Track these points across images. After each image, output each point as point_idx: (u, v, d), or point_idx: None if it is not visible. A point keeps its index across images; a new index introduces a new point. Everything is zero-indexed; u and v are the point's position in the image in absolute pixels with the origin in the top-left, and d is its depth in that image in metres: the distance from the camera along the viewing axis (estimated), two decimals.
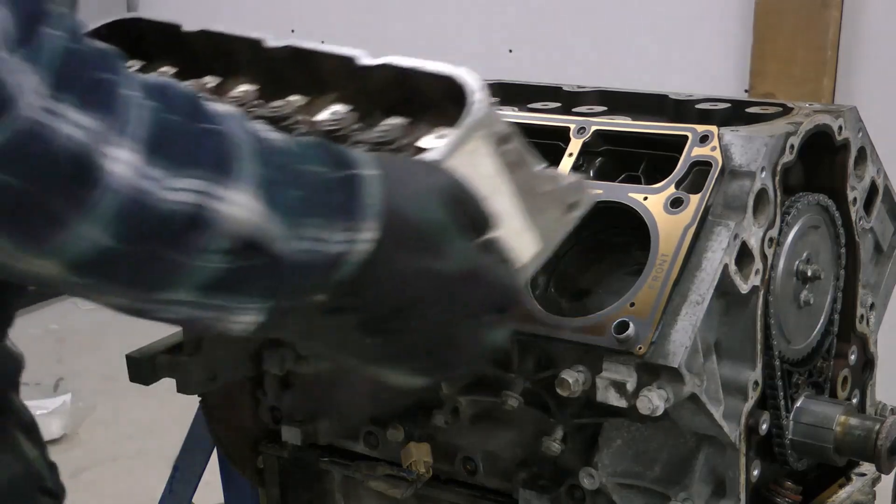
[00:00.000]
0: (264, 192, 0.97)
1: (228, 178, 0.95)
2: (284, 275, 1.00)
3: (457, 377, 1.19)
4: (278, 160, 1.00)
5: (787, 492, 1.52)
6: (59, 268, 0.92)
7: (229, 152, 0.96)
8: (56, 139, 0.86)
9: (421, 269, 1.07)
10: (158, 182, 0.91)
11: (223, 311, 1.01)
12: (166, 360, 1.74)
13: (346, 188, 1.02)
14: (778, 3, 3.57)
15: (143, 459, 3.70)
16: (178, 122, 0.94)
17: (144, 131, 0.91)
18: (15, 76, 0.85)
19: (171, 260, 0.95)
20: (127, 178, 0.89)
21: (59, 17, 0.90)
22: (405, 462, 1.64)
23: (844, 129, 1.52)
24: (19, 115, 0.85)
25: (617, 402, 1.34)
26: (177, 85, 0.98)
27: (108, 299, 0.99)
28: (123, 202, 0.90)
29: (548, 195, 1.24)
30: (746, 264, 1.39)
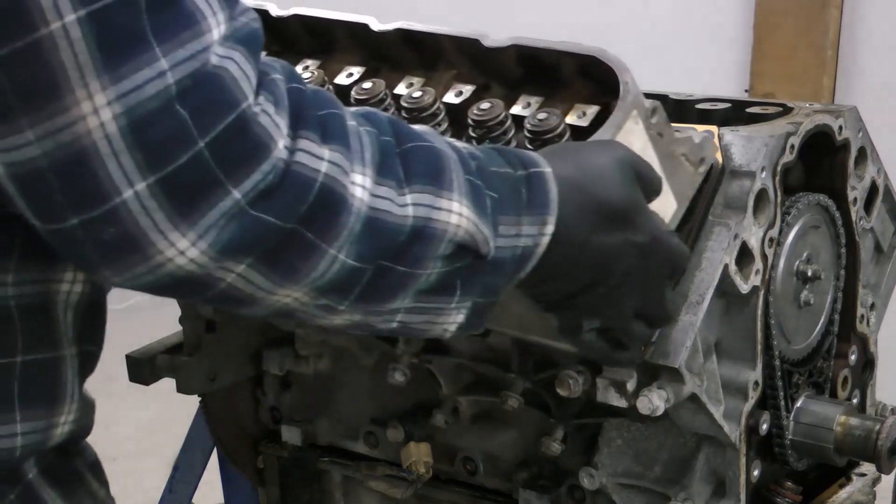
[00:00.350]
0: (472, 198, 1.05)
1: (444, 188, 1.03)
2: (486, 272, 1.09)
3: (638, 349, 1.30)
4: (475, 166, 1.08)
5: (787, 492, 1.52)
6: (304, 295, 0.99)
7: (441, 165, 1.04)
8: (308, 175, 0.93)
9: (616, 243, 1.16)
10: (390, 200, 0.99)
11: (435, 314, 1.10)
12: (166, 360, 1.74)
13: (529, 186, 1.11)
14: (778, 3, 3.57)
15: (143, 459, 3.70)
16: (391, 143, 1.01)
17: (372, 156, 0.98)
18: (267, 121, 0.90)
19: (401, 272, 1.02)
20: (366, 199, 0.97)
21: (275, 62, 0.96)
22: (405, 462, 1.64)
23: (845, 129, 1.52)
24: (275, 158, 0.90)
25: (617, 402, 1.34)
26: (377, 112, 1.06)
27: (338, 318, 1.05)
28: (365, 223, 0.97)
29: (683, 155, 1.31)
30: (746, 264, 1.39)
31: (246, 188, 0.90)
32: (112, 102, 0.85)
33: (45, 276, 1.01)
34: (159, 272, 0.90)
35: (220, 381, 1.77)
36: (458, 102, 1.38)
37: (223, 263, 0.92)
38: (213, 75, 0.88)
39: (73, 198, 0.87)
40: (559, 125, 1.27)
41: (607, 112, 1.28)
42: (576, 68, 1.32)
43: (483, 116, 1.30)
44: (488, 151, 1.13)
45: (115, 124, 0.85)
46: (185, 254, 0.90)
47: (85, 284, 1.04)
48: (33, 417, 1.03)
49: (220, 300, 0.97)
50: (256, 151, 0.90)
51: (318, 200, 0.94)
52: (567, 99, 1.33)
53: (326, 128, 0.96)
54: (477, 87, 1.39)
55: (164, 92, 0.86)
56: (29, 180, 0.87)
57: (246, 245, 0.92)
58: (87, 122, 0.85)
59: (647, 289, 1.22)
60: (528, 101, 1.34)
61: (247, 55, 0.91)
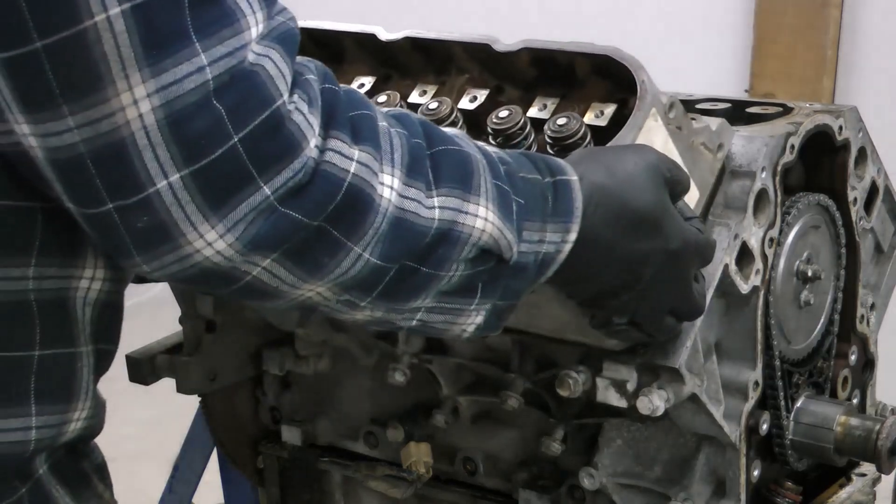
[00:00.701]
0: (498, 203, 1.06)
1: (471, 193, 1.05)
2: (508, 275, 1.10)
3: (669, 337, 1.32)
4: (504, 171, 1.09)
5: (787, 492, 1.52)
6: (328, 290, 1.01)
7: (469, 169, 1.05)
8: (338, 174, 0.94)
9: (644, 250, 1.17)
10: (417, 202, 1.00)
11: (455, 314, 1.11)
12: (166, 360, 1.73)
13: (556, 193, 1.12)
14: (778, 3, 3.57)
15: (143, 459, 3.70)
16: (422, 145, 1.03)
17: (401, 157, 1.00)
18: (299, 120, 0.92)
19: (425, 272, 1.04)
20: (394, 200, 0.98)
21: (309, 62, 0.98)
22: (405, 462, 1.64)
23: (845, 129, 1.52)
24: (306, 156, 0.92)
25: (617, 403, 1.34)
26: (409, 114, 1.07)
27: (359, 314, 1.07)
28: (392, 223, 0.98)
29: (702, 145, 1.33)
30: (747, 264, 1.39)
31: (276, 185, 0.91)
32: (151, 95, 0.87)
33: (66, 272, 1.02)
34: (187, 262, 0.93)
35: (220, 381, 1.77)
36: (474, 108, 1.39)
37: (249, 257, 0.94)
38: (250, 73, 0.90)
39: (109, 185, 0.89)
40: (580, 129, 1.28)
41: (624, 109, 1.29)
42: (590, 68, 1.33)
43: (502, 124, 1.31)
44: (517, 157, 1.14)
45: (154, 117, 0.87)
46: (212, 245, 0.92)
47: (104, 283, 1.05)
48: (48, 412, 1.03)
49: (245, 293, 0.99)
50: (288, 149, 0.92)
51: (346, 200, 0.95)
52: (582, 99, 1.34)
53: (358, 128, 0.97)
54: (490, 91, 1.40)
55: (203, 87, 0.88)
56: (67, 166, 0.89)
57: (272, 240, 0.94)
58: (125, 113, 0.87)
59: (676, 287, 1.23)
60: (544, 104, 1.35)
61: (283, 54, 0.93)
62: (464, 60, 1.42)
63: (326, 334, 1.69)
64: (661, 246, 1.18)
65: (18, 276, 0.99)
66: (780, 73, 3.57)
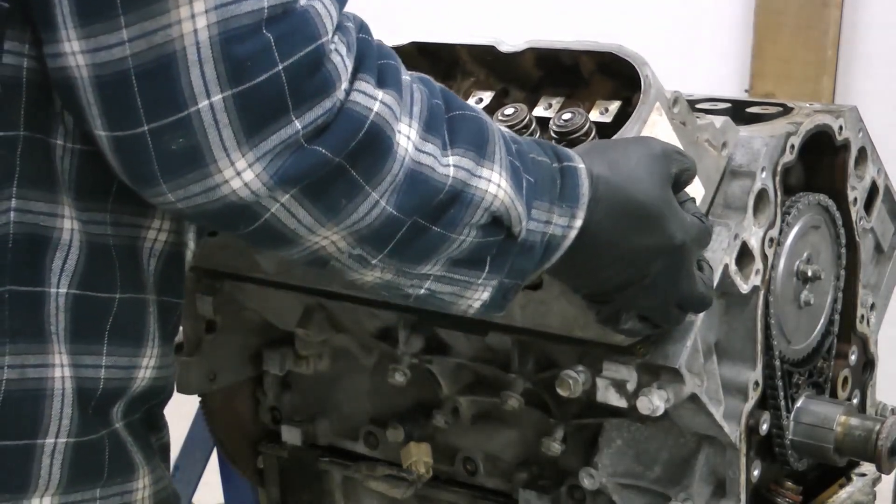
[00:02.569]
0: (511, 175, 1.08)
1: (485, 158, 1.07)
2: (516, 252, 1.12)
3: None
4: (515, 149, 1.11)
5: (787, 492, 1.52)
6: (342, 240, 1.03)
7: (486, 136, 1.08)
8: (361, 113, 0.97)
9: (648, 244, 1.18)
10: (433, 157, 1.02)
11: (462, 286, 1.12)
12: None
13: (563, 178, 1.14)
14: (778, 3, 3.57)
15: None
16: (441, 106, 1.05)
17: (420, 111, 1.02)
18: (337, 60, 0.96)
19: (436, 232, 1.05)
20: (411, 151, 1.01)
21: (350, 14, 1.01)
22: (405, 462, 1.64)
23: (845, 129, 1.52)
24: (336, 97, 0.96)
25: (617, 403, 1.34)
26: (430, 79, 1.10)
27: (369, 274, 1.08)
28: (408, 173, 1.00)
29: (706, 141, 1.34)
30: (747, 264, 1.39)
31: (307, 120, 0.95)
32: (209, 11, 0.90)
33: (136, 220, 1.05)
34: (213, 195, 0.95)
35: (220, 381, 1.77)
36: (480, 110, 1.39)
37: (273, 192, 0.96)
38: (302, 10, 0.94)
39: (149, 103, 0.92)
40: (585, 124, 1.28)
41: (629, 106, 1.29)
42: (594, 66, 1.33)
43: (508, 121, 1.31)
44: (528, 141, 1.16)
45: (208, 33, 0.90)
46: (241, 176, 0.94)
47: (169, 234, 1.08)
48: (118, 353, 1.07)
49: (263, 234, 1.00)
50: (324, 87, 0.95)
51: (367, 139, 0.98)
52: (587, 97, 1.34)
53: (384, 75, 1.01)
54: (496, 93, 1.40)
55: (258, 13, 0.91)
56: (111, 82, 0.92)
57: (296, 176, 0.96)
58: (182, 26, 0.90)
59: (682, 280, 1.24)
60: (549, 102, 1.36)
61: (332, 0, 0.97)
62: (469, 63, 1.42)
63: (326, 334, 1.69)
64: (665, 241, 1.19)
65: (100, 221, 1.03)
66: (780, 73, 3.57)
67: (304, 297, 1.60)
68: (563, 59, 1.35)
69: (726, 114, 1.57)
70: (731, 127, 1.39)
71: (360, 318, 1.62)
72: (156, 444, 1.16)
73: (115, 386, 1.07)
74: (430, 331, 1.56)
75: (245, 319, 1.74)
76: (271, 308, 1.70)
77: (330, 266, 1.07)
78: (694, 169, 1.24)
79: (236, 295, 1.69)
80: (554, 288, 1.22)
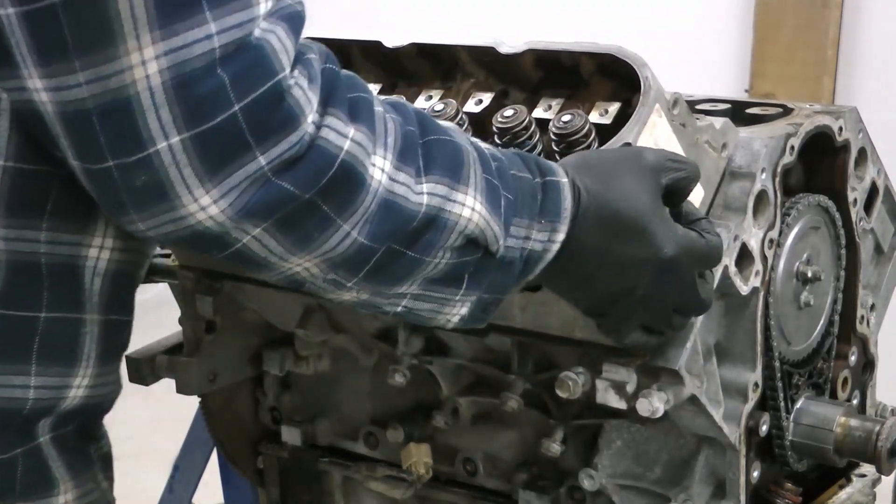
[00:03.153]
0: (487, 195, 1.09)
1: (460, 182, 1.07)
2: (494, 269, 1.12)
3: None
4: (495, 166, 1.11)
5: (787, 493, 1.52)
6: (315, 266, 1.03)
7: (461, 159, 1.08)
8: (332, 150, 0.97)
9: (638, 257, 1.18)
10: (406, 186, 1.03)
11: (440, 304, 1.13)
12: (166, 361, 1.74)
13: (545, 194, 1.14)
14: (778, 3, 3.57)
15: (143, 459, 3.70)
16: (415, 133, 1.05)
17: (394, 142, 1.02)
18: (299, 94, 0.95)
19: (411, 256, 1.06)
20: (384, 182, 1.01)
21: (312, 44, 1.00)
22: (405, 463, 1.64)
23: (845, 130, 1.52)
24: (303, 130, 0.95)
25: (617, 404, 1.33)
26: (405, 103, 1.10)
27: (346, 294, 1.09)
28: (381, 203, 1.01)
29: (706, 143, 1.34)
30: (746, 266, 1.39)
31: (272, 155, 0.94)
32: (160, 56, 0.90)
33: (77, 239, 1.05)
34: (181, 224, 0.96)
35: (219, 381, 1.76)
36: (480, 111, 1.39)
37: (241, 224, 0.96)
38: (256, 45, 0.93)
39: (111, 142, 0.92)
40: (584, 125, 1.28)
41: (628, 108, 1.29)
42: (594, 67, 1.33)
43: (507, 123, 1.31)
44: (511, 155, 1.16)
45: (160, 78, 0.90)
46: (206, 210, 0.94)
47: (113, 252, 1.08)
48: (47, 374, 1.06)
49: (236, 259, 1.01)
50: (287, 122, 0.94)
51: (338, 176, 0.98)
52: (587, 98, 1.34)
53: (355, 109, 1.00)
54: (496, 94, 1.40)
55: (210, 54, 0.91)
56: (74, 120, 0.92)
57: (264, 209, 0.96)
58: (134, 72, 0.90)
59: (678, 291, 1.23)
60: (549, 104, 1.36)
61: (288, 31, 0.96)
62: (469, 65, 1.42)
63: (326, 335, 1.69)
64: (652, 254, 1.18)
65: (31, 239, 1.02)
66: (780, 73, 3.57)
67: (304, 297, 1.60)
68: (563, 60, 1.35)
69: (726, 115, 1.57)
70: (731, 128, 1.39)
71: (359, 318, 1.62)
72: (95, 453, 1.16)
73: (44, 405, 1.06)
74: (430, 331, 1.56)
75: (245, 320, 1.74)
76: (271, 308, 1.70)
77: (306, 287, 1.07)
78: (693, 176, 1.23)
79: (236, 295, 1.69)
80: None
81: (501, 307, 1.19)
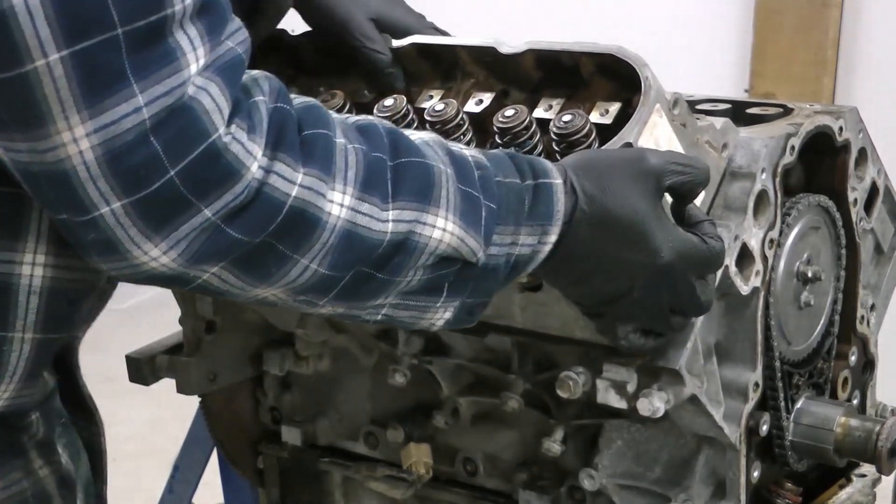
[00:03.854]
0: (462, 212, 1.09)
1: (430, 204, 1.07)
2: (476, 276, 1.12)
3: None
4: (475, 176, 1.11)
5: (787, 493, 1.52)
6: (282, 293, 1.05)
7: (430, 180, 1.07)
8: (278, 196, 0.98)
9: (634, 260, 1.17)
10: (370, 216, 1.03)
11: (420, 311, 1.14)
12: (166, 361, 1.74)
13: (536, 196, 1.13)
14: (778, 3, 3.57)
15: (142, 459, 3.70)
16: (382, 159, 1.05)
17: (356, 174, 1.02)
18: (239, 148, 0.95)
19: (381, 278, 1.07)
20: (345, 215, 1.01)
21: (263, 80, 1.00)
22: (405, 463, 1.64)
23: (845, 130, 1.52)
24: (247, 180, 0.95)
25: (617, 404, 1.34)
26: (378, 124, 1.09)
27: (322, 310, 1.10)
28: (343, 235, 1.01)
29: (707, 143, 1.34)
30: (747, 265, 1.39)
31: (217, 207, 0.95)
32: (90, 135, 0.91)
33: (7, 256, 1.05)
34: (137, 269, 0.98)
35: (220, 381, 1.77)
36: (480, 111, 1.39)
37: (195, 268, 0.99)
38: (187, 108, 0.93)
39: (59, 203, 0.95)
40: (585, 125, 1.28)
41: (629, 108, 1.29)
42: (594, 67, 1.33)
43: (508, 123, 1.31)
44: (500, 160, 1.15)
45: (93, 153, 0.91)
46: (157, 260, 0.97)
47: (46, 269, 1.08)
48: None
49: (201, 292, 1.04)
50: (227, 177, 0.95)
51: (289, 219, 0.99)
52: (587, 98, 1.34)
53: (308, 149, 1.00)
54: (496, 94, 1.40)
55: (140, 126, 0.91)
56: (25, 177, 0.95)
57: (216, 254, 0.98)
58: (67, 148, 0.91)
59: (675, 294, 1.23)
60: (549, 104, 1.35)
61: (223, 85, 0.95)
62: (470, 65, 1.42)
63: (326, 335, 1.69)
64: (648, 258, 1.18)
65: None
66: (780, 73, 3.57)
67: None
68: (564, 60, 1.35)
69: (726, 115, 1.57)
70: (732, 128, 1.39)
71: None
72: (29, 442, 1.16)
73: None
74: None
75: (245, 320, 1.74)
76: (271, 308, 1.70)
77: (280, 307, 1.10)
78: (699, 179, 1.22)
79: None
80: (554, 290, 1.22)
81: (501, 307, 1.19)
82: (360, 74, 1.48)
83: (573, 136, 1.28)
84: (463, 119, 1.37)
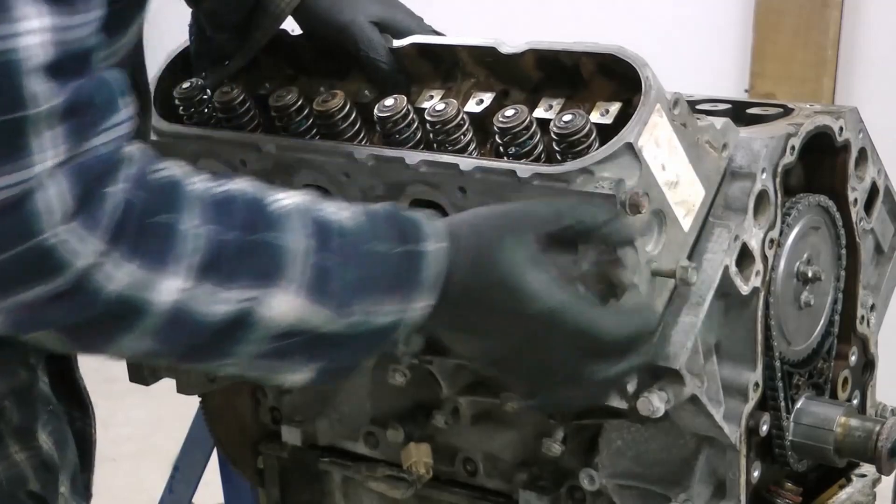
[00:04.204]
0: (312, 287, 1.07)
1: (273, 283, 1.06)
2: (332, 345, 1.11)
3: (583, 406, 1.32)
4: (339, 245, 1.09)
5: (787, 493, 1.52)
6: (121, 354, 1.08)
7: (279, 259, 1.06)
8: (102, 288, 0.99)
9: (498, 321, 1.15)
10: (205, 297, 1.03)
11: (274, 371, 1.12)
12: None
13: (405, 263, 1.11)
14: (778, 3, 3.57)
15: (143, 459, 3.70)
16: (232, 239, 1.04)
17: (198, 258, 1.02)
18: (69, 246, 0.97)
19: (218, 350, 1.07)
20: (173, 301, 1.02)
21: (130, 164, 1.00)
22: (405, 463, 1.64)
23: (845, 130, 1.52)
24: (71, 274, 0.98)
25: (617, 404, 1.34)
26: (241, 196, 1.07)
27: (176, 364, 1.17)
28: (169, 320, 1.03)
29: (707, 143, 1.34)
30: (747, 265, 1.39)
31: (37, 293, 0.98)
32: None
33: None
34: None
35: (220, 381, 1.76)
36: (480, 111, 1.39)
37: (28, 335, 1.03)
38: (20, 206, 0.95)
39: None
40: (585, 125, 1.28)
41: (629, 108, 1.29)
42: (595, 67, 1.33)
43: (508, 123, 1.31)
44: (377, 224, 1.13)
45: None
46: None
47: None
48: None
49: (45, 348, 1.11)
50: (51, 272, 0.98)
51: (112, 307, 1.01)
52: (588, 98, 1.34)
53: (145, 240, 1.01)
54: (497, 94, 1.40)
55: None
56: None
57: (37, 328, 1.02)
58: None
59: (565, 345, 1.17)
60: (549, 104, 1.35)
61: (72, 185, 0.97)
62: (470, 65, 1.42)
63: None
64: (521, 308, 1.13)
65: None
66: (780, 73, 3.57)
67: None
68: (564, 60, 1.35)
69: (726, 115, 1.57)
70: (732, 128, 1.39)
71: None
72: (5, 428, 1.19)
73: None
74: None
75: None
76: None
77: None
78: (593, 219, 1.17)
79: None
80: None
81: None
82: (361, 74, 1.48)
83: (573, 136, 1.28)
84: (463, 119, 1.37)
